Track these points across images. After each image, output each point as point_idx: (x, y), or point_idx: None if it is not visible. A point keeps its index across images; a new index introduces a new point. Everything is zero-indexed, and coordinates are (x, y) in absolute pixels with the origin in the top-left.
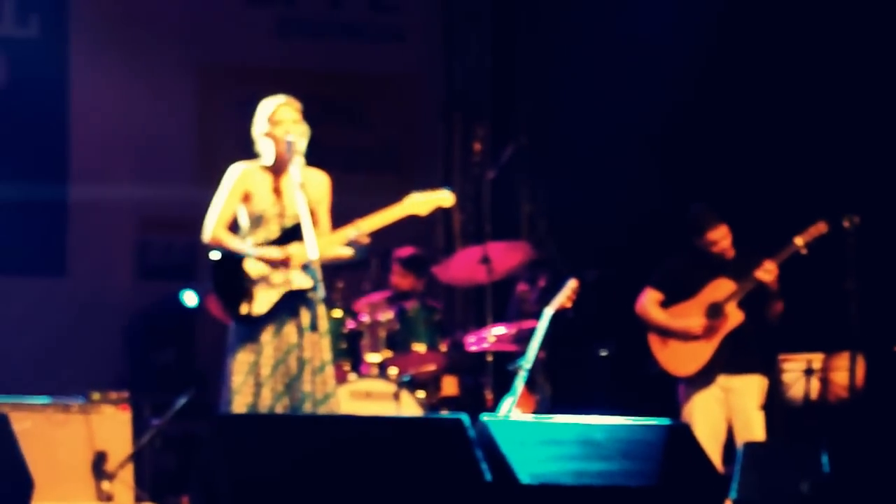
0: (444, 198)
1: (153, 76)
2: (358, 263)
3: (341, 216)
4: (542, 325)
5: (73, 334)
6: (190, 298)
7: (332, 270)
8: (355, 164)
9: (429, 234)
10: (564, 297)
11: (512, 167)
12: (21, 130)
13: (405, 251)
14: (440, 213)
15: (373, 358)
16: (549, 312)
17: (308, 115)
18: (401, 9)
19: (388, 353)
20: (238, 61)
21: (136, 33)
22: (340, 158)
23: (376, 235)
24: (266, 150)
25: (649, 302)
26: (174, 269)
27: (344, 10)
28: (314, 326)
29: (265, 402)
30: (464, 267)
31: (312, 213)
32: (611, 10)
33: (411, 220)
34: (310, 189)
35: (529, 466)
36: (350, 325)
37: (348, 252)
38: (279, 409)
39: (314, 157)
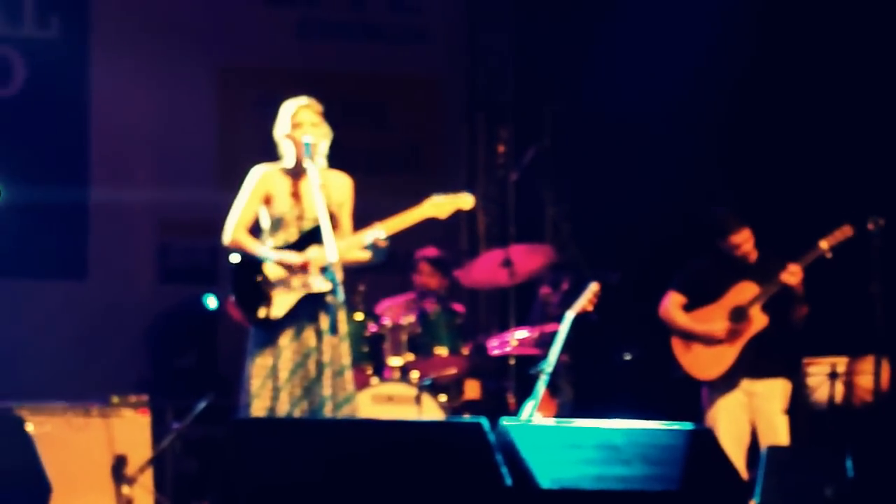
0: (463, 200)
1: (174, 78)
2: (378, 266)
3: (364, 218)
4: (563, 329)
5: (94, 338)
6: (213, 302)
7: (353, 273)
8: (377, 165)
9: (453, 237)
10: (586, 300)
11: (535, 169)
12: (41, 132)
13: (431, 251)
14: (464, 216)
15: (395, 361)
16: (570, 316)
17: (330, 117)
18: (423, 10)
19: (410, 357)
20: (259, 63)
21: (156, 35)
22: (362, 160)
23: (400, 238)
24: (287, 152)
25: (673, 305)
26: (195, 272)
27: (365, 11)
28: (334, 330)
29: (283, 406)
30: (486, 270)
31: (333, 216)
32: (635, 10)
33: (435, 223)
34: (331, 191)
35: (550, 471)
36: (372, 328)
37: (367, 255)
38: (297, 414)
39: (336, 158)
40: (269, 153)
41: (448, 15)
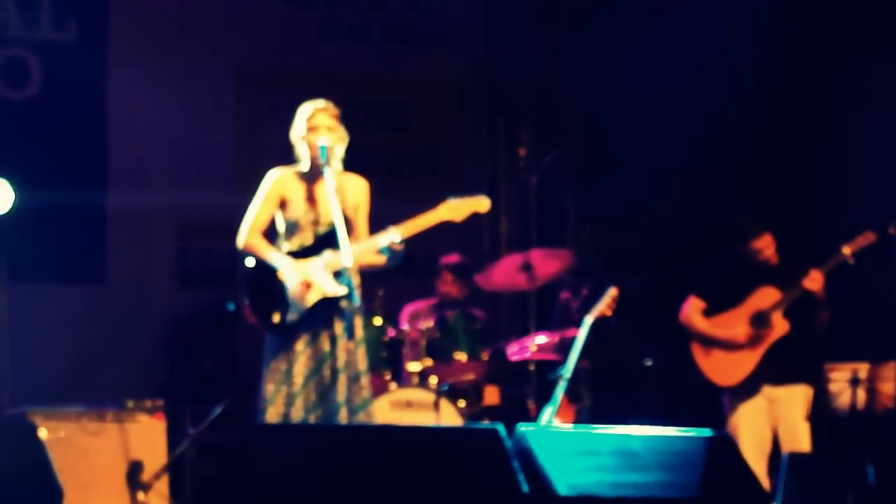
0: (480, 203)
1: (192, 80)
2: (394, 270)
3: (383, 221)
4: (582, 334)
5: (112, 342)
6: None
7: (372, 278)
8: (396, 168)
9: (475, 241)
10: (604, 304)
11: (556, 172)
12: (59, 136)
13: (453, 258)
14: (486, 219)
15: (413, 367)
16: (589, 320)
17: (349, 119)
18: (442, 11)
19: (429, 362)
20: (278, 64)
21: (175, 37)
22: (382, 163)
23: (421, 241)
24: (303, 155)
25: (693, 310)
26: (214, 277)
27: (385, 13)
28: (349, 335)
29: (298, 412)
30: (506, 274)
31: (349, 220)
32: (657, 13)
33: (458, 226)
34: (347, 194)
35: (567, 477)
36: (391, 333)
37: (383, 259)
38: (312, 420)
39: (354, 161)
40: (289, 156)
41: (468, 16)
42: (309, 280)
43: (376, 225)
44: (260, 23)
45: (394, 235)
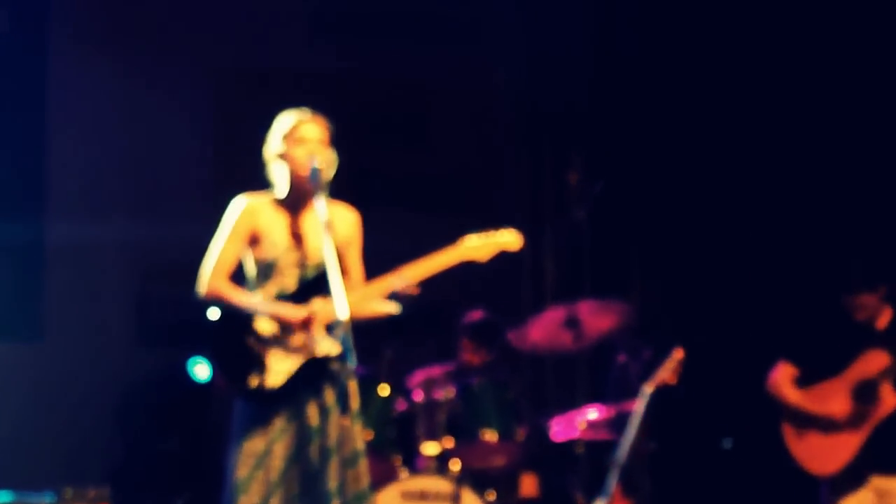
0: (507, 239)
1: (157, 84)
2: (405, 324)
3: (389, 264)
4: (641, 407)
5: (50, 413)
6: (202, 370)
7: (377, 335)
8: (412, 197)
9: (512, 289)
10: (668, 370)
11: (613, 206)
12: None
13: (474, 316)
14: (526, 262)
15: (430, 448)
16: (648, 390)
17: (351, 134)
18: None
19: (450, 442)
20: (264, 64)
21: (133, 30)
22: (391, 190)
23: (445, 289)
24: (280, 178)
25: (783, 379)
26: (182, 332)
27: (398, 0)
28: (344, 406)
29: None
30: (547, 331)
31: (340, 260)
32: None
33: (493, 273)
34: (336, 228)
35: None
36: (401, 406)
37: (390, 308)
38: None
39: (356, 185)
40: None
41: (505, 5)
42: (312, 314)
43: (382, 265)
44: (241, 13)
45: (402, 278)
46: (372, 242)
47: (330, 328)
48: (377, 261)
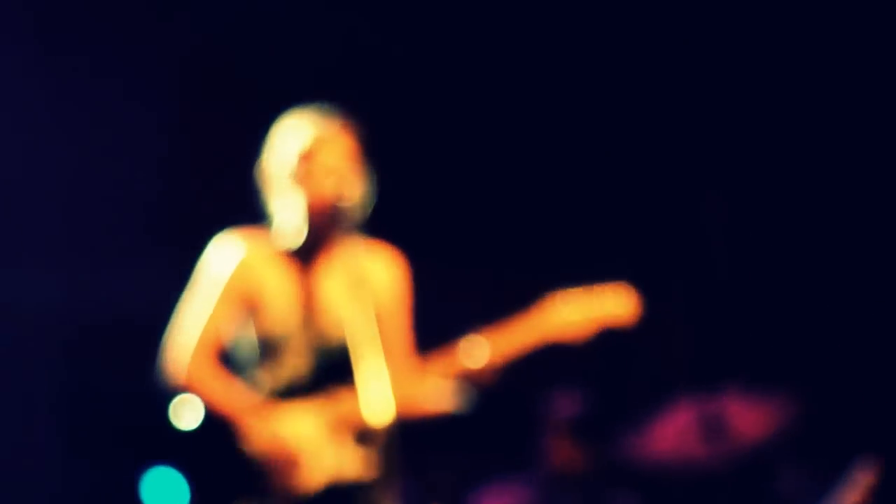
0: (618, 306)
1: (100, 75)
2: (471, 426)
3: (450, 334)
4: None
5: None
6: (162, 486)
7: (432, 442)
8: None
9: (625, 368)
10: (854, 495)
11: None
12: None
13: (570, 405)
14: (646, 331)
15: None
16: None
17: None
18: None
19: None
20: (248, 49)
21: (75, 11)
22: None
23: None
24: (289, 217)
25: None
26: (130, 434)
27: None
28: None
29: None
30: (677, 435)
31: (379, 332)
32: None
33: (597, 344)
34: (374, 284)
35: None
36: None
37: (451, 405)
38: None
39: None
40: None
41: None
42: (297, 452)
43: (429, 340)
44: None
45: (479, 351)
46: (427, 301)
47: (363, 437)
48: (432, 329)
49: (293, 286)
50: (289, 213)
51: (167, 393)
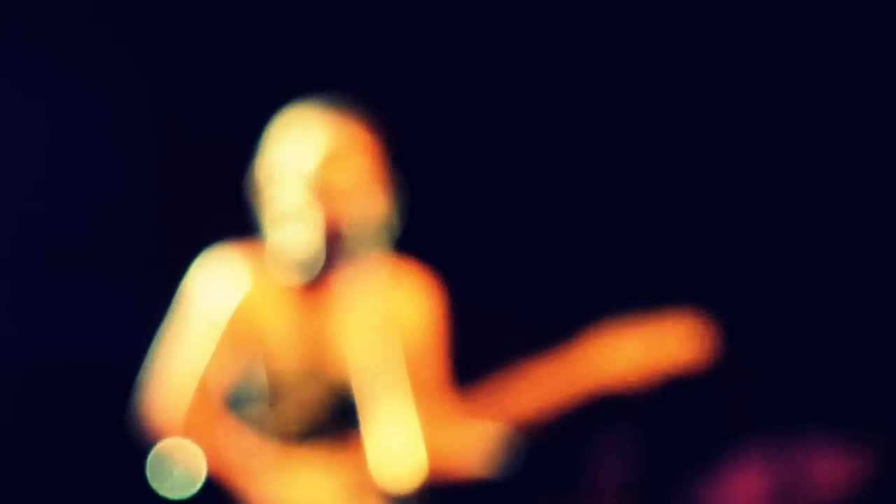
0: (680, 344)
1: (68, 69)
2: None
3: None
4: None
5: None
6: None
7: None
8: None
9: (682, 407)
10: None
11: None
12: None
13: (619, 463)
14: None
15: None
16: None
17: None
18: None
19: None
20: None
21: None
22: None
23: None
24: (296, 238)
25: None
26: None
27: None
28: None
29: None
30: (749, 494)
31: (407, 372)
32: None
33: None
34: (401, 313)
35: None
36: None
37: (490, 467)
38: None
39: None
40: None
41: None
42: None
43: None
44: None
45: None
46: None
47: (386, 502)
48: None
49: (303, 319)
50: (296, 233)
51: (146, 452)
